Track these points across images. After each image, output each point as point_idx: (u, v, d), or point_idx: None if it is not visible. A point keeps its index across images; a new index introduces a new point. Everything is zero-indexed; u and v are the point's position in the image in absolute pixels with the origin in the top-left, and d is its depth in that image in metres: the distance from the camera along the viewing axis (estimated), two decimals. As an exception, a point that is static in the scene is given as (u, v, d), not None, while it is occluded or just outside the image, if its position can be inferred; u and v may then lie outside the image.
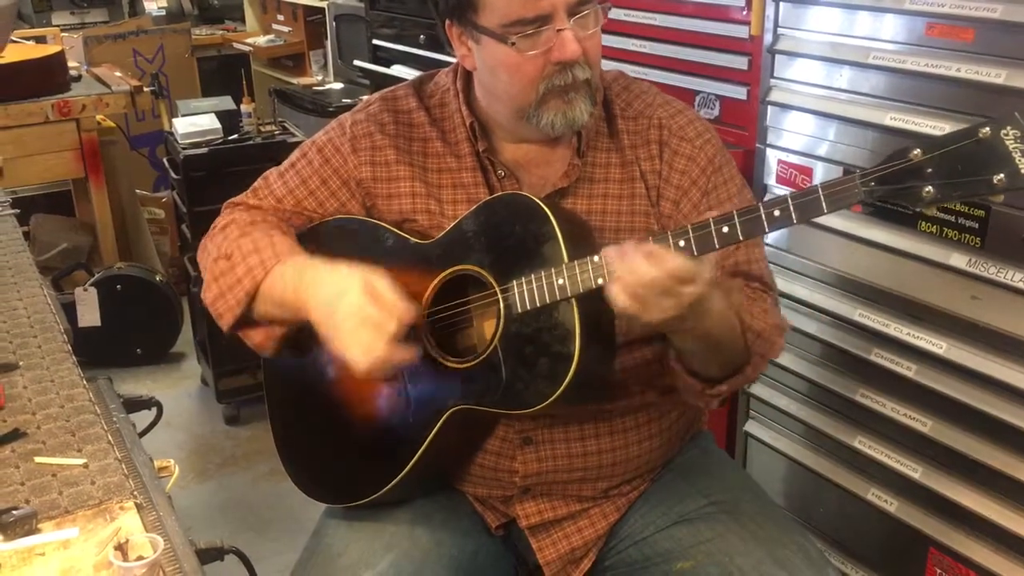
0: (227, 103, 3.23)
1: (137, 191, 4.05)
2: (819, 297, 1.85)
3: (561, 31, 1.22)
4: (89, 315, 3.32)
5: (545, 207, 1.22)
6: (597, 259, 1.15)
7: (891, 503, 1.78)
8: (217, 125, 3.10)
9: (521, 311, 1.21)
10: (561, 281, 1.17)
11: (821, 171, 1.82)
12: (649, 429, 1.41)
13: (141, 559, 1.07)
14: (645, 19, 2.17)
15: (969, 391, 1.60)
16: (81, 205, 3.81)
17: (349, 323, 1.20)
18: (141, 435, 1.50)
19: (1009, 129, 0.97)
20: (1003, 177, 0.96)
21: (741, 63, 1.98)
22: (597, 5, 1.26)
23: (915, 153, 1.00)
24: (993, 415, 1.57)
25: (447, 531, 1.38)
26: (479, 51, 1.30)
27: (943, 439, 1.66)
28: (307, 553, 1.40)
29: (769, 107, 1.89)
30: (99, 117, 3.53)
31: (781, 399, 2.00)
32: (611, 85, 1.41)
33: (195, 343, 3.52)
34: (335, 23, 4.31)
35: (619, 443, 1.39)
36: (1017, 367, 1.53)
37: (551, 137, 1.33)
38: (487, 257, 1.26)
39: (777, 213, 1.07)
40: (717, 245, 1.10)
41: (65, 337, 1.65)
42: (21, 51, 3.52)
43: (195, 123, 3.10)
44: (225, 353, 3.14)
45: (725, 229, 1.08)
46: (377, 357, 1.18)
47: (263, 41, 5.22)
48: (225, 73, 5.07)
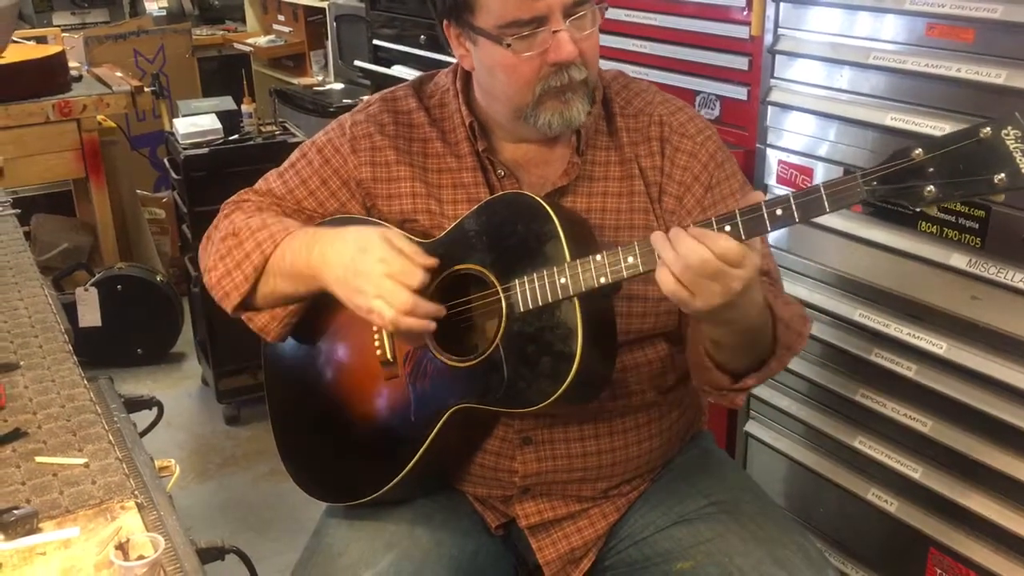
0: (228, 103, 3.23)
1: (138, 191, 4.05)
2: (819, 297, 1.85)
3: (557, 32, 1.22)
4: (90, 315, 3.33)
5: (547, 206, 1.22)
6: (599, 258, 1.15)
7: (891, 503, 1.78)
8: (218, 125, 3.10)
9: (523, 310, 1.21)
10: (563, 280, 1.18)
11: (822, 171, 1.82)
12: (649, 429, 1.41)
13: (142, 558, 1.07)
14: (646, 19, 2.18)
15: (969, 391, 1.60)
16: (82, 205, 3.81)
17: (374, 275, 1.19)
18: (142, 435, 1.51)
19: (1010, 129, 0.97)
20: (1004, 177, 0.97)
21: (741, 63, 1.99)
22: (594, 6, 1.25)
23: (916, 153, 1.01)
24: (993, 415, 1.57)
25: (447, 531, 1.39)
26: (476, 52, 1.30)
27: (943, 439, 1.66)
28: (307, 553, 1.40)
29: (769, 107, 1.89)
30: (100, 117, 3.53)
31: (781, 399, 2.00)
32: (610, 84, 1.41)
33: (195, 343, 3.52)
34: (335, 23, 4.31)
35: (619, 443, 1.39)
36: (1017, 367, 1.53)
37: (549, 137, 1.33)
38: (489, 256, 1.26)
39: (779, 212, 1.07)
40: None
41: (66, 337, 1.65)
42: (22, 51, 3.52)
43: (196, 123, 3.10)
44: (225, 353, 3.15)
45: (727, 228, 1.08)
46: (404, 304, 1.18)
47: (264, 41, 5.22)
48: (226, 73, 5.07)
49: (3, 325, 1.69)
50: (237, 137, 3.13)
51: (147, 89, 3.60)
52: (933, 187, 1.00)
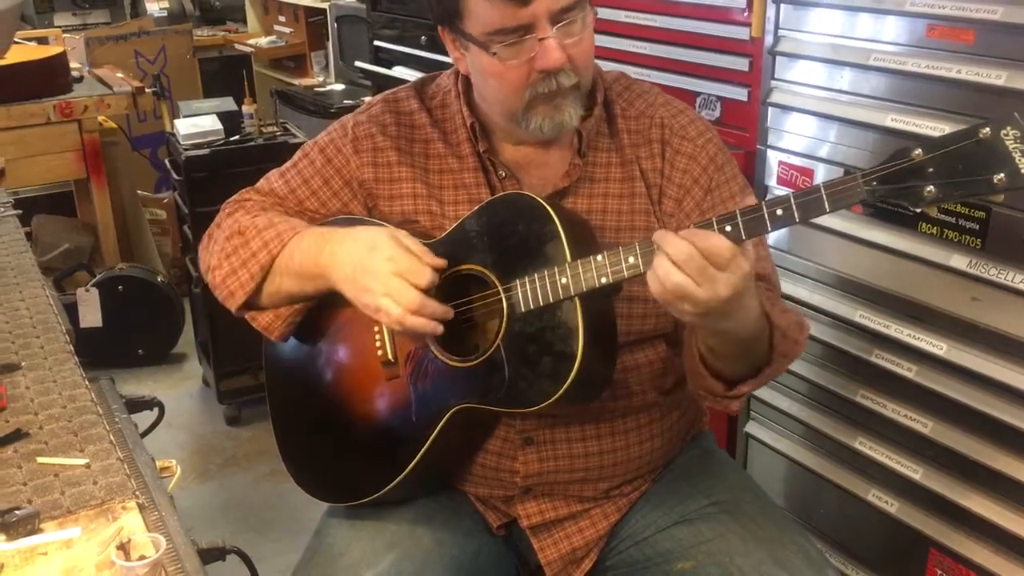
0: (228, 104, 3.24)
1: (139, 192, 4.05)
2: (819, 298, 1.85)
3: (543, 40, 1.22)
4: (91, 316, 3.33)
5: (548, 207, 1.22)
6: (600, 258, 1.16)
7: (892, 504, 1.78)
8: (219, 126, 3.11)
9: (524, 310, 1.21)
10: (564, 280, 1.18)
11: (822, 172, 1.82)
12: (650, 430, 1.41)
13: (143, 559, 1.07)
14: (646, 21, 2.18)
15: (969, 392, 1.60)
16: (83, 206, 3.82)
17: (382, 274, 1.20)
18: (143, 435, 1.51)
19: (1009, 129, 0.97)
20: (1003, 177, 0.97)
21: (742, 64, 1.99)
22: (584, 11, 1.24)
23: (916, 153, 1.01)
24: (993, 416, 1.57)
25: (449, 531, 1.39)
26: (469, 57, 1.31)
27: (944, 440, 1.66)
28: (308, 553, 1.40)
29: (770, 108, 1.89)
30: (101, 118, 3.54)
31: (782, 400, 2.00)
32: (612, 86, 1.41)
33: (196, 344, 3.52)
34: (336, 24, 4.32)
35: (620, 443, 1.39)
36: (1017, 368, 1.53)
37: (543, 140, 1.33)
38: (490, 257, 1.26)
39: (780, 212, 1.07)
40: None
41: (67, 338, 1.65)
42: (23, 52, 3.52)
43: (197, 124, 3.10)
44: (226, 354, 3.15)
45: (728, 228, 1.08)
46: (411, 302, 1.19)
47: (264, 42, 5.23)
48: (227, 74, 5.07)
49: (4, 326, 1.69)
50: (238, 138, 3.13)
51: (148, 90, 3.61)
52: (933, 187, 1.00)
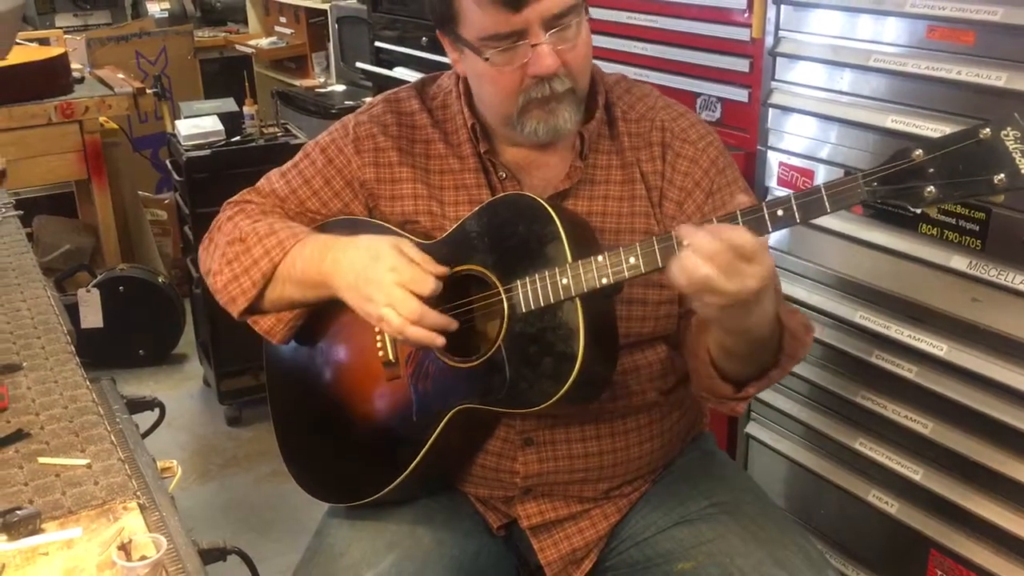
0: (229, 105, 3.24)
1: (140, 193, 4.06)
2: (820, 299, 1.85)
3: (536, 46, 1.22)
4: (92, 316, 3.33)
5: (549, 207, 1.22)
6: (601, 259, 1.16)
7: (892, 505, 1.78)
8: (219, 127, 3.11)
9: (525, 311, 1.22)
10: (565, 281, 1.18)
11: (823, 173, 1.82)
12: (650, 430, 1.42)
13: (144, 559, 1.07)
14: (647, 22, 2.18)
15: (970, 393, 1.60)
16: (84, 207, 3.82)
17: (385, 283, 1.20)
18: (144, 436, 1.51)
19: (1009, 130, 0.98)
20: (1003, 177, 0.97)
21: (742, 65, 1.99)
22: (579, 16, 1.24)
23: (917, 153, 1.01)
24: (994, 417, 1.57)
25: (449, 531, 1.39)
26: (465, 60, 1.31)
27: (944, 441, 1.66)
28: (309, 553, 1.40)
29: (770, 109, 1.89)
30: (102, 119, 3.54)
31: (782, 401, 2.00)
32: (613, 88, 1.41)
33: (197, 344, 3.53)
34: (337, 25, 4.32)
35: (620, 444, 1.39)
36: (1018, 369, 1.53)
37: (539, 144, 1.33)
38: (491, 257, 1.26)
39: (780, 213, 1.07)
40: None
41: (68, 338, 1.65)
42: (24, 53, 3.53)
43: (198, 125, 3.10)
44: (227, 354, 3.15)
45: None
46: (412, 312, 1.18)
47: (265, 43, 5.23)
48: (227, 75, 5.07)
49: (6, 326, 1.69)
50: (239, 139, 3.13)
51: (149, 91, 3.61)
52: (933, 188, 1.01)
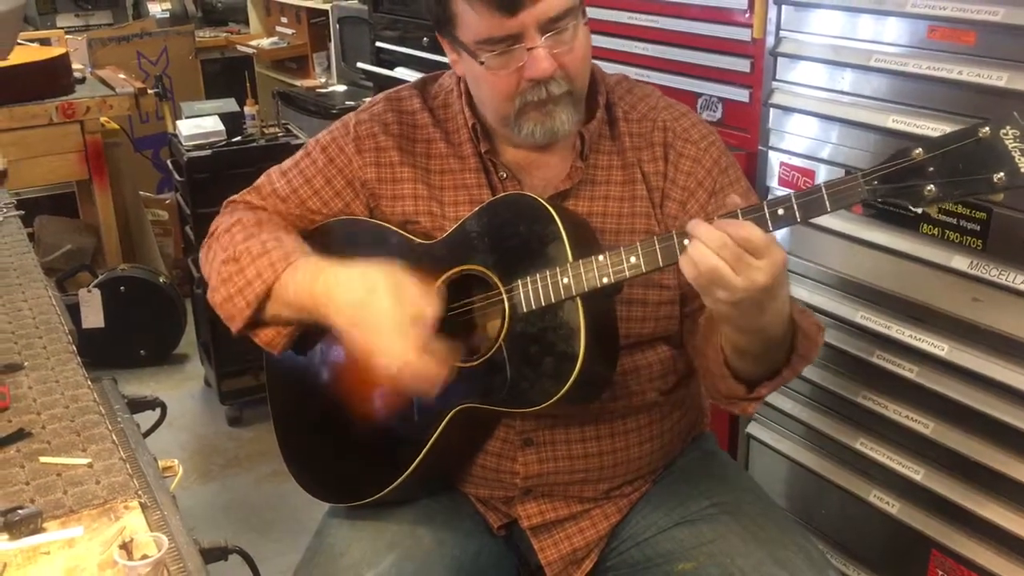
0: (231, 105, 3.24)
1: (141, 193, 4.06)
2: (821, 299, 1.85)
3: (532, 50, 1.21)
4: (93, 316, 3.33)
5: (550, 207, 1.22)
6: (602, 258, 1.16)
7: (893, 505, 1.78)
8: (221, 127, 3.11)
9: (526, 310, 1.22)
10: (566, 280, 1.18)
11: (823, 173, 1.82)
12: (651, 431, 1.41)
13: (146, 558, 1.07)
14: (648, 22, 2.18)
15: (971, 393, 1.60)
16: (85, 207, 3.82)
17: (384, 328, 1.16)
18: (145, 435, 1.51)
19: (1008, 129, 0.98)
20: (1003, 176, 0.98)
21: (743, 66, 1.99)
22: (576, 19, 1.23)
23: (917, 152, 1.01)
24: (995, 417, 1.57)
25: (449, 531, 1.39)
26: (462, 62, 1.31)
27: (945, 441, 1.66)
28: (309, 553, 1.40)
29: (771, 110, 1.89)
30: (103, 119, 3.54)
31: (783, 401, 2.00)
32: (614, 88, 1.41)
33: (198, 344, 3.53)
34: (338, 25, 4.32)
35: (620, 444, 1.39)
36: (1019, 369, 1.53)
37: (537, 146, 1.33)
38: (491, 257, 1.27)
39: (781, 212, 1.07)
40: None
41: (70, 338, 1.65)
42: (26, 53, 3.53)
43: (199, 125, 3.11)
44: (228, 355, 3.15)
45: None
46: (408, 364, 1.16)
47: (267, 43, 5.23)
48: (229, 75, 5.08)
49: (7, 326, 1.69)
50: (240, 139, 3.14)
51: (150, 91, 3.61)
52: (933, 186, 1.01)
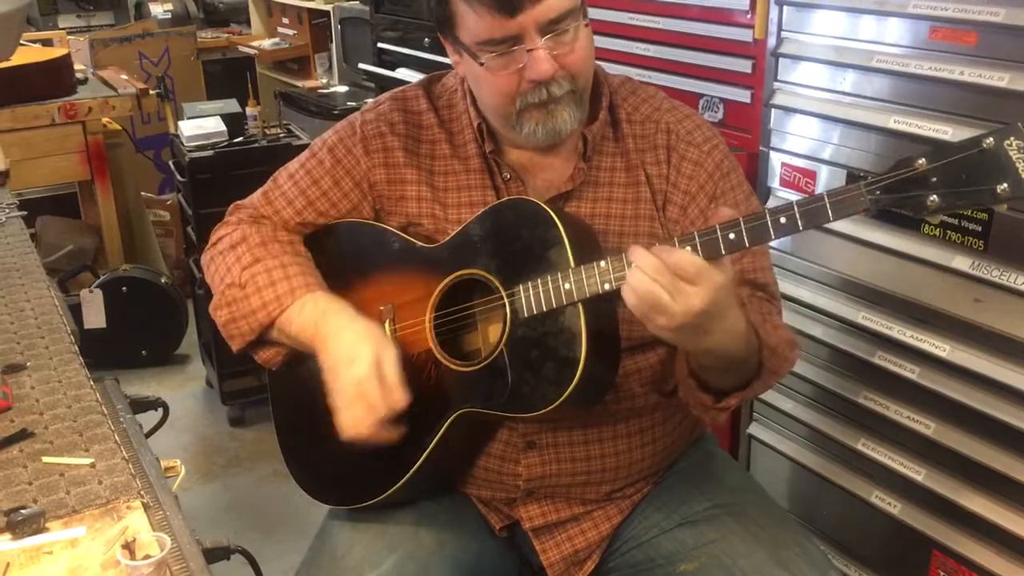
0: (232, 106, 3.24)
1: (143, 193, 4.06)
2: (822, 300, 1.85)
3: (532, 51, 1.21)
4: (94, 317, 3.33)
5: (552, 212, 1.22)
6: (603, 264, 1.15)
7: (894, 505, 1.78)
8: (222, 128, 3.11)
9: (527, 315, 1.21)
10: (568, 285, 1.18)
11: (825, 174, 1.82)
12: (652, 433, 1.41)
13: (148, 558, 1.08)
14: (649, 23, 2.18)
15: (972, 393, 1.60)
16: (87, 207, 3.83)
17: (349, 393, 1.25)
18: (147, 436, 1.51)
19: (1012, 139, 0.98)
20: (1007, 187, 0.98)
21: (745, 66, 1.99)
22: (577, 20, 1.23)
23: (920, 162, 1.01)
24: (996, 417, 1.57)
25: (451, 532, 1.39)
26: (464, 63, 1.31)
27: (946, 441, 1.66)
28: (311, 554, 1.40)
29: (773, 110, 1.89)
30: (105, 120, 3.55)
31: (784, 402, 2.00)
32: (617, 90, 1.41)
33: (200, 345, 3.53)
34: (340, 26, 4.33)
35: (622, 447, 1.39)
36: (1020, 370, 1.53)
37: (540, 146, 1.33)
38: (493, 262, 1.26)
39: (783, 220, 1.07)
40: (723, 251, 1.09)
41: (72, 338, 1.66)
42: (28, 54, 3.53)
43: (200, 126, 3.11)
44: (229, 355, 3.11)
45: (731, 236, 1.08)
46: (361, 433, 1.25)
47: (268, 44, 5.23)
48: (230, 76, 5.08)
49: (10, 326, 1.69)
50: (241, 140, 3.14)
51: (152, 92, 3.62)
52: (936, 197, 1.01)
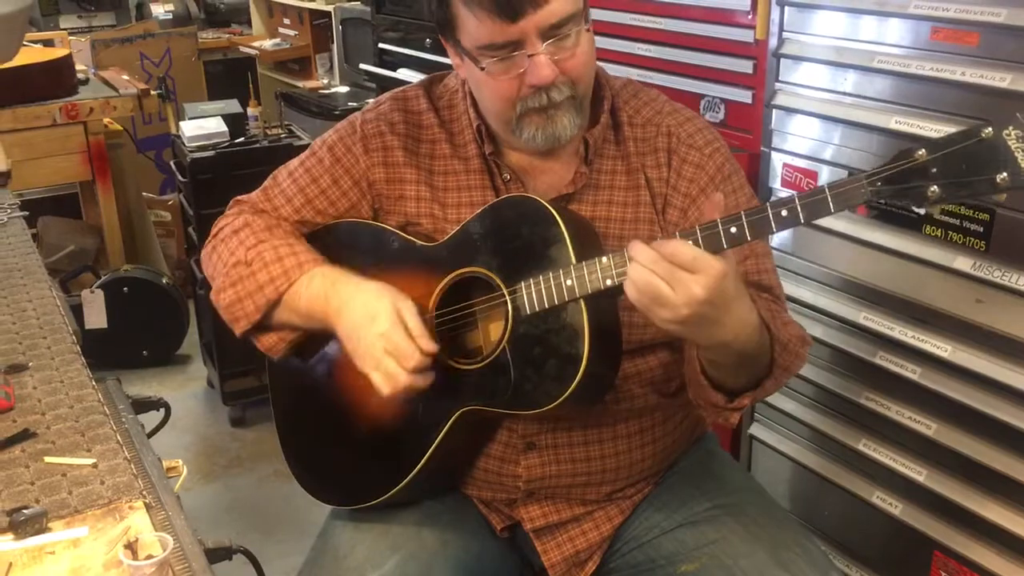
0: (233, 106, 3.24)
1: (144, 194, 4.06)
2: (824, 300, 1.85)
3: (533, 56, 1.21)
4: (96, 317, 3.34)
5: (552, 210, 1.22)
6: (605, 260, 1.16)
7: (896, 506, 1.78)
8: (223, 128, 3.11)
9: (529, 312, 1.22)
10: (569, 282, 1.18)
11: (826, 174, 1.82)
12: (653, 433, 1.41)
13: (150, 558, 1.08)
14: (651, 23, 2.18)
15: (974, 394, 1.60)
16: (88, 208, 3.83)
17: (376, 350, 1.22)
18: (149, 436, 1.51)
19: (1011, 129, 0.98)
20: (1006, 176, 0.98)
21: (746, 67, 1.99)
22: (579, 24, 1.23)
23: (920, 153, 1.01)
24: (998, 418, 1.57)
25: (453, 532, 1.39)
26: (464, 66, 1.31)
27: (948, 442, 1.66)
28: (313, 554, 1.40)
29: (774, 111, 1.89)
30: (106, 120, 3.55)
31: (786, 402, 2.00)
32: (619, 92, 1.40)
33: (201, 345, 3.53)
34: (341, 27, 4.33)
35: (622, 448, 1.39)
36: (1021, 370, 1.53)
37: (539, 151, 1.33)
38: (494, 259, 1.27)
39: (784, 213, 1.07)
40: (725, 245, 1.09)
41: (74, 338, 1.66)
42: (29, 54, 3.53)
43: (201, 126, 3.11)
44: (231, 356, 3.16)
45: (733, 229, 1.08)
46: (400, 385, 1.22)
47: (269, 44, 5.24)
48: (231, 76, 5.09)
49: (12, 326, 1.69)
50: (243, 140, 3.14)
51: (153, 92, 3.62)
52: (937, 187, 1.01)
